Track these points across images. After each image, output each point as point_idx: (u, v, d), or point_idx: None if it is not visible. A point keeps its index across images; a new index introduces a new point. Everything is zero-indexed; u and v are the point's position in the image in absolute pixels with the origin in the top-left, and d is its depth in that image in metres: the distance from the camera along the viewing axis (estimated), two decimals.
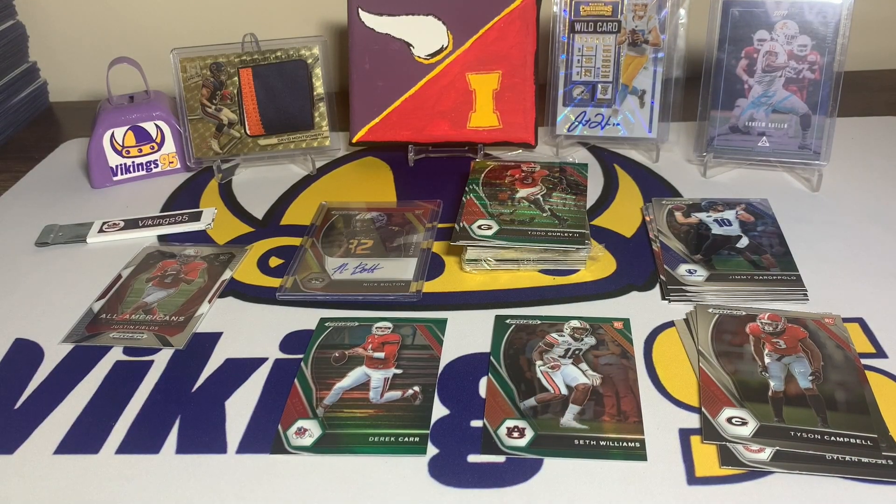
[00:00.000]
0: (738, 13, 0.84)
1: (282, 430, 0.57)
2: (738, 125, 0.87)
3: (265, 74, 0.92)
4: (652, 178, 0.90)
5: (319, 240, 0.80)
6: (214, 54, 0.91)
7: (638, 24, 0.90)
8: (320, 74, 0.93)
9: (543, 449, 0.54)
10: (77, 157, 1.03)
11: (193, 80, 0.91)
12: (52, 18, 1.21)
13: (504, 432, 0.56)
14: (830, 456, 0.53)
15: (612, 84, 0.92)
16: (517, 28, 0.92)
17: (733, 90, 0.86)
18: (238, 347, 0.66)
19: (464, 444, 0.55)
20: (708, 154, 0.89)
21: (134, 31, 1.21)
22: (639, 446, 0.54)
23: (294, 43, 0.93)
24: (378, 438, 0.56)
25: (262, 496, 0.53)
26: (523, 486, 0.52)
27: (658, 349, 0.64)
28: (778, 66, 0.84)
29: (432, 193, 0.88)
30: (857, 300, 0.67)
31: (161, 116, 0.95)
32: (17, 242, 0.85)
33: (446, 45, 0.93)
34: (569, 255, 0.74)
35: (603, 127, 0.93)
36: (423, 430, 0.57)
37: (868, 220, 0.79)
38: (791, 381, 0.59)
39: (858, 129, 0.97)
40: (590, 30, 0.91)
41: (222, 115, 0.93)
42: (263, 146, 0.94)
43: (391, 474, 0.54)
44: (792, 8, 0.83)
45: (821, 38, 0.83)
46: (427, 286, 0.73)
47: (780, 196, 0.83)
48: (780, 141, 0.86)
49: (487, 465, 0.54)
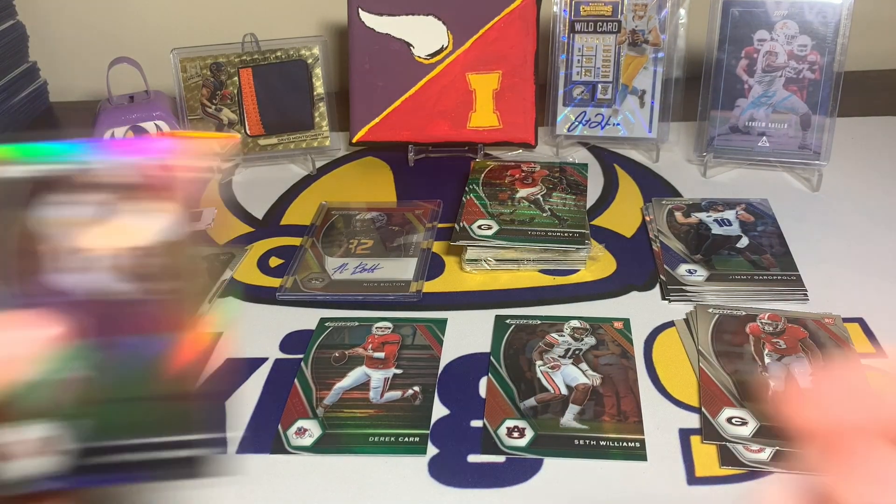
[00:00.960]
0: (738, 13, 0.84)
1: (282, 429, 0.57)
2: (739, 125, 0.87)
3: (265, 74, 0.92)
4: (652, 178, 0.90)
5: (319, 240, 0.80)
6: (214, 54, 0.91)
7: (638, 23, 0.90)
8: (320, 74, 0.93)
9: (543, 449, 0.54)
10: None
11: (193, 79, 0.91)
12: (53, 18, 1.21)
13: (504, 432, 0.56)
14: None
15: (612, 84, 0.92)
16: (517, 28, 0.92)
17: (733, 90, 0.86)
18: (238, 347, 0.66)
19: (464, 444, 0.55)
20: (708, 154, 0.89)
21: (134, 31, 1.21)
22: (639, 446, 0.54)
23: (294, 43, 0.93)
24: (378, 438, 0.56)
25: (263, 496, 0.53)
26: (523, 486, 0.52)
27: (658, 349, 0.64)
28: (778, 65, 0.84)
29: (432, 193, 0.88)
30: (857, 300, 0.67)
31: (161, 116, 0.95)
32: None
33: (446, 45, 0.93)
34: (569, 255, 0.74)
35: (603, 127, 0.93)
36: (423, 430, 0.57)
37: (868, 220, 0.79)
38: (791, 381, 0.59)
39: (858, 129, 0.97)
40: (590, 30, 0.91)
41: (222, 115, 0.93)
42: (263, 146, 0.94)
43: (391, 474, 0.54)
44: (792, 8, 0.83)
45: (821, 38, 0.83)
46: (427, 286, 0.73)
47: (781, 196, 0.83)
48: (781, 141, 0.86)
49: (487, 464, 0.54)
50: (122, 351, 0.32)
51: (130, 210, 0.32)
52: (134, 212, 0.32)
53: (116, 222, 0.32)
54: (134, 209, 0.32)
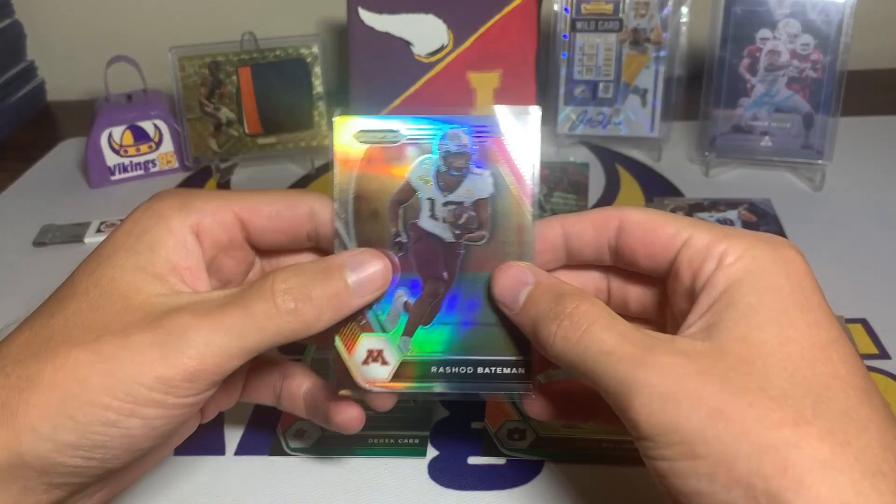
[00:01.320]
0: (741, 11, 0.84)
1: (280, 431, 0.57)
2: (741, 124, 0.87)
3: (264, 73, 0.92)
4: (654, 178, 0.89)
5: None
6: (213, 53, 0.91)
7: (640, 22, 0.89)
8: (319, 73, 0.93)
9: (544, 451, 0.54)
10: (75, 157, 1.02)
11: (192, 78, 0.90)
12: (50, 17, 1.21)
13: (505, 434, 0.55)
14: None
15: (613, 83, 0.91)
16: (518, 26, 0.91)
17: (736, 89, 0.86)
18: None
19: (464, 445, 0.55)
20: (710, 153, 0.88)
21: (132, 29, 1.20)
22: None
23: (293, 41, 0.92)
24: (377, 440, 0.56)
25: (261, 498, 0.52)
26: (524, 489, 0.52)
27: None
28: (780, 65, 0.84)
29: None
30: (860, 301, 0.67)
31: (159, 115, 0.94)
32: (15, 242, 0.84)
33: (446, 43, 0.93)
34: None
35: (604, 126, 0.93)
36: (423, 432, 0.56)
37: (871, 220, 0.79)
38: None
39: (862, 128, 0.96)
40: (591, 28, 0.91)
41: (221, 114, 0.92)
42: (262, 145, 0.93)
43: (391, 476, 0.53)
44: (794, 7, 0.82)
45: (824, 37, 0.82)
46: None
47: (783, 196, 0.83)
48: (783, 140, 0.86)
49: (488, 466, 0.53)
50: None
51: (471, 171, 0.43)
52: (473, 173, 0.43)
53: (463, 181, 0.43)
54: (473, 171, 0.43)
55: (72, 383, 0.36)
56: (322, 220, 0.44)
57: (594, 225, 0.43)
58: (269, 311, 0.38)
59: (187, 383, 0.37)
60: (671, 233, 0.40)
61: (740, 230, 0.39)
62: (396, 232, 0.43)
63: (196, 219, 0.42)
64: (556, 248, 0.44)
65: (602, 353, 0.36)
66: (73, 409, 0.36)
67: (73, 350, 0.37)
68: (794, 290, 0.37)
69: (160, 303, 0.38)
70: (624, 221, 0.42)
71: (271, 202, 0.44)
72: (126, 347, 0.37)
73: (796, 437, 0.32)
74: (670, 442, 0.34)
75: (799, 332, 0.35)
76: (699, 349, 0.35)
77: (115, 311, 0.38)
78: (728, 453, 0.32)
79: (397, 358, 0.44)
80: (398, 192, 0.43)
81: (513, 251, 0.43)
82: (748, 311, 0.36)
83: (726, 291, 0.37)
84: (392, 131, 0.43)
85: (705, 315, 0.37)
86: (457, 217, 0.43)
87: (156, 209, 0.42)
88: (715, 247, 0.38)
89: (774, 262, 0.37)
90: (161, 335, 0.37)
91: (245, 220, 0.44)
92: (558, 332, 0.38)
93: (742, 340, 0.35)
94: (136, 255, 0.40)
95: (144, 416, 0.37)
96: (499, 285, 0.42)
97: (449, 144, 0.43)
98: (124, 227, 0.42)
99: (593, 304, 0.38)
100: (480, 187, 0.43)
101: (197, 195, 0.43)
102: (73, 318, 0.38)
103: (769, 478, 0.31)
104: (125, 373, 0.36)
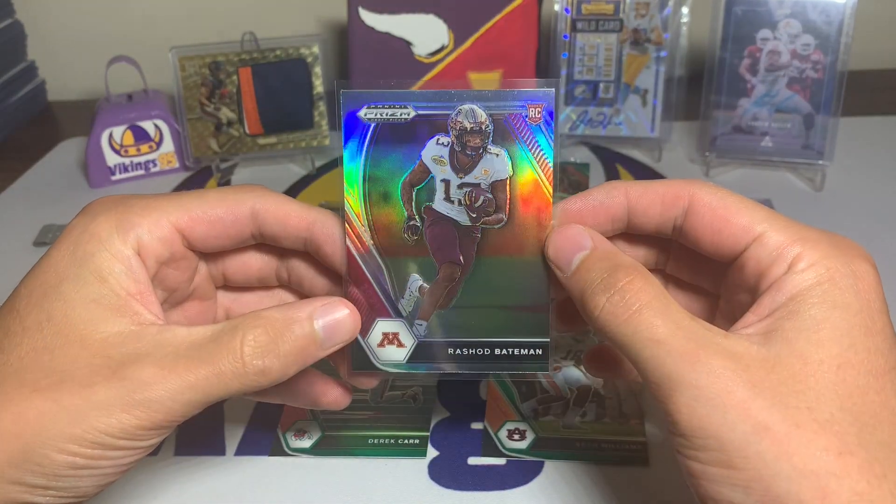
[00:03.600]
0: (741, 12, 0.83)
1: (281, 431, 0.57)
2: (741, 125, 0.87)
3: (264, 73, 0.92)
4: (654, 178, 0.89)
5: None
6: (213, 53, 0.91)
7: (640, 22, 0.89)
8: (320, 73, 0.93)
9: (544, 451, 0.54)
10: (75, 157, 1.02)
11: (192, 78, 0.90)
12: (51, 17, 1.21)
13: (505, 434, 0.55)
14: None
15: (614, 83, 0.91)
16: (518, 26, 0.91)
17: (736, 89, 0.86)
18: None
19: (464, 446, 0.55)
20: (711, 154, 0.88)
21: (132, 29, 1.20)
22: (640, 449, 0.54)
23: (294, 41, 0.92)
24: (378, 440, 0.56)
25: (261, 498, 0.52)
26: (524, 489, 0.51)
27: None
28: (781, 65, 0.84)
29: None
30: None
31: (159, 115, 0.94)
32: (16, 242, 0.84)
33: (447, 43, 0.93)
34: None
35: (605, 126, 0.93)
36: (423, 432, 0.56)
37: (872, 220, 0.79)
38: None
39: (862, 128, 0.96)
40: (592, 28, 0.91)
41: (221, 115, 0.92)
42: (262, 145, 0.93)
43: (391, 476, 0.53)
44: (795, 7, 0.82)
45: (824, 38, 0.82)
46: None
47: (784, 196, 0.82)
48: (784, 140, 0.86)
49: (488, 467, 0.53)
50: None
51: (488, 151, 0.41)
52: (490, 152, 0.41)
53: (480, 162, 0.41)
54: (490, 150, 0.41)
55: (34, 434, 0.35)
56: (265, 219, 0.42)
57: (662, 201, 0.40)
58: (237, 371, 0.37)
59: (153, 431, 0.37)
60: (743, 225, 0.38)
61: (816, 232, 0.38)
62: (410, 215, 0.42)
63: (135, 236, 0.40)
64: (616, 218, 0.42)
65: (652, 340, 0.35)
66: (39, 458, 0.36)
67: (32, 397, 0.36)
68: (862, 310, 0.35)
69: (121, 345, 0.37)
70: (694, 202, 0.39)
71: (211, 207, 0.42)
72: (90, 399, 0.36)
73: (838, 466, 0.32)
74: (707, 447, 0.33)
75: (858, 357, 0.34)
76: (754, 354, 0.34)
77: (73, 355, 0.37)
78: (767, 472, 0.32)
79: (413, 340, 0.44)
80: (411, 173, 0.42)
81: (532, 235, 0.41)
82: (811, 324, 0.34)
83: (792, 299, 0.35)
84: (403, 105, 0.41)
85: (766, 319, 0.36)
86: (473, 199, 0.41)
87: (92, 230, 0.40)
88: (788, 250, 0.37)
89: (846, 277, 0.36)
90: (127, 389, 0.36)
91: (184, 231, 0.42)
92: (606, 305, 0.36)
93: (799, 356, 0.34)
94: (86, 286, 0.38)
95: (112, 458, 0.37)
96: (554, 247, 0.40)
97: (464, 121, 0.41)
98: (63, 250, 0.39)
99: (648, 281, 0.37)
100: (498, 168, 0.41)
101: (131, 207, 0.41)
102: (28, 358, 0.37)
103: (806, 503, 0.31)
104: (90, 424, 0.36)
